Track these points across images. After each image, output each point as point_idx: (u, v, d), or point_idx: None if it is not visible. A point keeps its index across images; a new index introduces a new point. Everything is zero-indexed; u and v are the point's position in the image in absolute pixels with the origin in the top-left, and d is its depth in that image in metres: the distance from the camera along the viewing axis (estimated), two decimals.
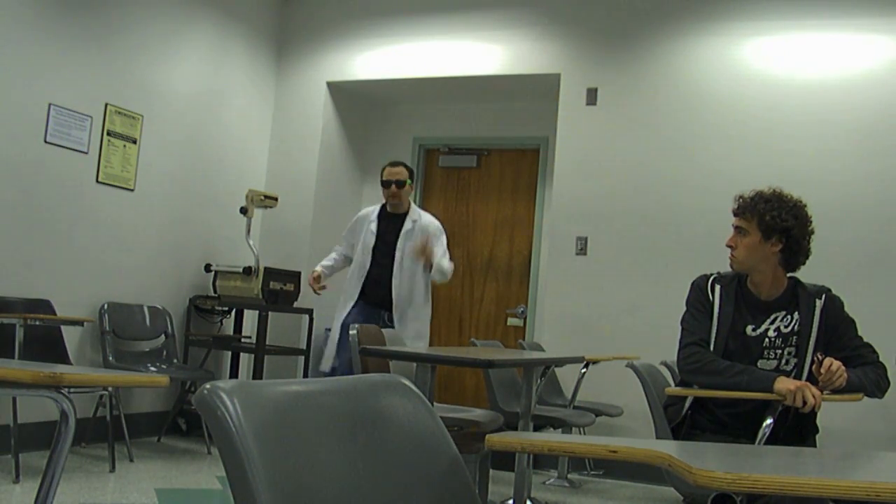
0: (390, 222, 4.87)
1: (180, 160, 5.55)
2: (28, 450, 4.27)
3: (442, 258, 4.75)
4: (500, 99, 6.22)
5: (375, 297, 4.78)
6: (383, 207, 4.93)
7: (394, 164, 4.92)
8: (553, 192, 5.52)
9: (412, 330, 4.72)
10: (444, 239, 4.89)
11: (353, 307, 4.77)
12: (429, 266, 4.70)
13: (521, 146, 6.25)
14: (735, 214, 2.83)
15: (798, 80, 4.96)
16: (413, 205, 4.99)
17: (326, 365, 4.83)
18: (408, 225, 4.83)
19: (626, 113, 5.34)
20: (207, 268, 5.69)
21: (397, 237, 4.80)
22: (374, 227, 4.86)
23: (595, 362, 4.58)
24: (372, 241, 4.83)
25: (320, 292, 4.95)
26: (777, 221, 2.72)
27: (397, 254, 4.77)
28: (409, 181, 4.87)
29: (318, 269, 4.95)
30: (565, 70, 5.52)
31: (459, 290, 6.30)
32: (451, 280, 4.96)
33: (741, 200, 2.82)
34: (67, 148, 4.76)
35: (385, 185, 4.85)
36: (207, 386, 1.05)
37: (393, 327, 4.54)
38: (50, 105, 4.64)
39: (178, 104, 5.50)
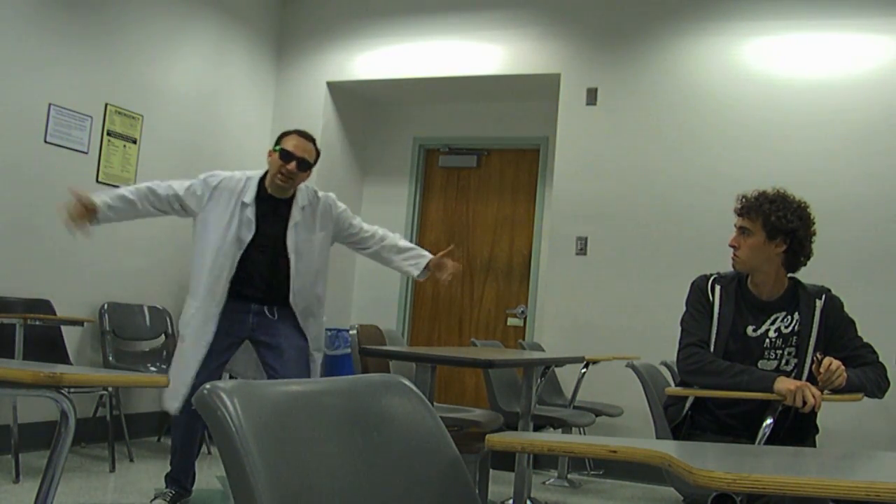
0: (272, 208, 3.57)
1: (180, 160, 5.54)
2: (28, 450, 4.27)
3: (410, 252, 3.77)
4: (500, 99, 6.23)
5: (244, 296, 3.54)
6: (261, 185, 3.59)
7: (304, 134, 3.65)
8: (553, 192, 5.52)
9: (314, 344, 3.66)
10: (343, 207, 3.78)
11: (219, 316, 3.50)
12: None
13: (521, 146, 6.25)
14: (739, 214, 2.81)
15: (798, 80, 4.96)
16: (302, 187, 3.66)
17: (175, 402, 3.45)
18: (296, 216, 3.57)
19: (626, 113, 5.34)
20: None
21: (285, 231, 3.55)
22: (250, 213, 3.52)
23: (595, 362, 4.58)
24: (250, 233, 3.51)
25: (80, 233, 3.51)
26: (782, 222, 2.71)
27: (292, 256, 3.55)
28: (313, 166, 3.66)
29: (98, 202, 3.45)
30: (565, 70, 5.52)
31: (459, 290, 6.30)
32: (450, 279, 4.00)
33: (745, 200, 2.80)
34: (67, 148, 4.76)
35: (284, 156, 3.51)
36: (207, 386, 1.05)
37: (271, 319, 3.56)
38: (50, 105, 4.64)
39: (178, 104, 5.50)
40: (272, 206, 3.58)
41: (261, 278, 3.55)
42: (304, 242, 3.58)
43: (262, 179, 3.61)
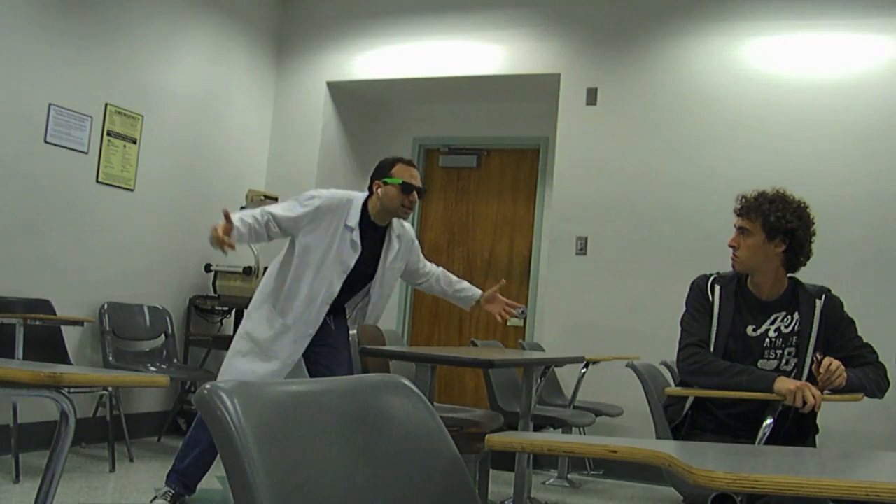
0: (372, 235, 3.53)
1: (180, 160, 5.55)
2: (28, 450, 4.27)
3: (465, 286, 3.89)
4: (500, 99, 6.22)
5: (308, 325, 3.46)
6: (365, 211, 3.51)
7: (412, 164, 3.61)
8: (553, 192, 5.52)
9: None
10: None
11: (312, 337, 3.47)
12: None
13: (521, 146, 6.25)
14: (738, 214, 2.81)
15: (798, 81, 4.96)
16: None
17: None
18: (394, 243, 3.58)
19: (626, 113, 5.34)
20: (207, 268, 5.69)
21: (378, 257, 3.55)
22: (356, 237, 3.44)
23: (595, 362, 4.58)
24: (353, 258, 3.45)
25: (228, 250, 3.31)
26: (782, 223, 2.71)
27: (376, 283, 3.56)
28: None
29: (237, 222, 3.33)
30: (565, 70, 5.52)
31: None
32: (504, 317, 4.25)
33: (744, 200, 2.80)
34: (67, 148, 4.76)
35: (404, 189, 3.46)
36: (207, 386, 1.05)
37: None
38: (50, 105, 4.64)
39: (178, 104, 5.51)
40: (371, 232, 3.52)
41: (339, 298, 3.53)
42: (389, 270, 3.58)
43: (364, 204, 3.53)
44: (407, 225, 3.72)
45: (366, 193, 3.60)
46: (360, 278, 3.53)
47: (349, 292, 3.55)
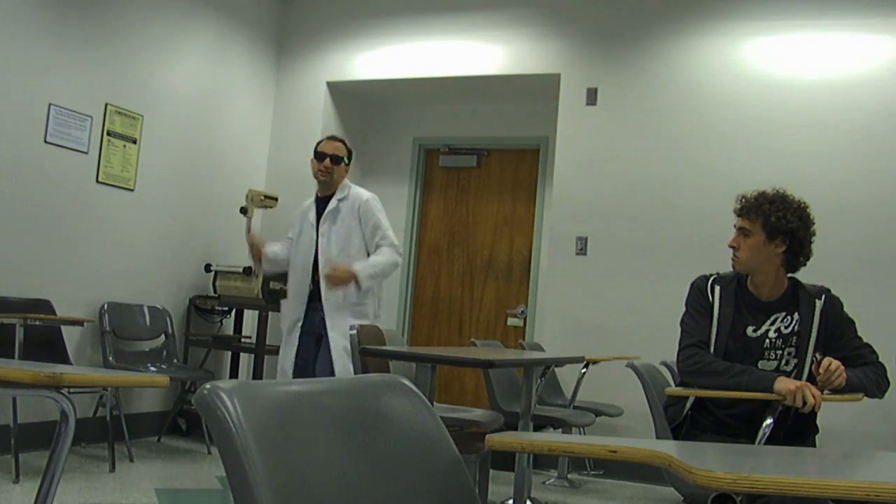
0: (322, 208, 4.25)
1: (180, 160, 5.55)
2: (28, 450, 4.27)
3: (374, 258, 4.09)
4: (500, 99, 6.22)
5: (302, 297, 4.20)
6: (316, 195, 4.32)
7: (332, 137, 4.36)
8: (553, 192, 5.52)
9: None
10: (376, 208, 4.18)
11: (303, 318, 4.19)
12: (351, 285, 4.02)
13: (521, 146, 6.25)
14: (738, 215, 2.80)
15: (798, 81, 4.96)
16: (345, 183, 4.28)
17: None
18: (330, 205, 4.19)
19: (626, 113, 5.34)
20: (207, 268, 5.69)
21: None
22: (312, 216, 4.23)
23: (595, 362, 4.58)
24: (313, 231, 4.20)
25: (257, 268, 4.45)
26: (782, 223, 2.71)
27: (321, 241, 4.15)
28: (346, 160, 4.25)
29: (265, 251, 4.36)
30: (565, 70, 5.52)
31: (459, 290, 6.30)
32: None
33: (745, 201, 2.80)
34: (67, 148, 4.76)
35: (318, 157, 4.22)
36: (207, 386, 1.05)
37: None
38: (50, 105, 4.64)
39: (178, 104, 5.50)
40: (321, 206, 4.25)
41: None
42: (333, 224, 4.20)
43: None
44: (357, 190, 4.27)
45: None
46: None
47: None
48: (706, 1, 5.23)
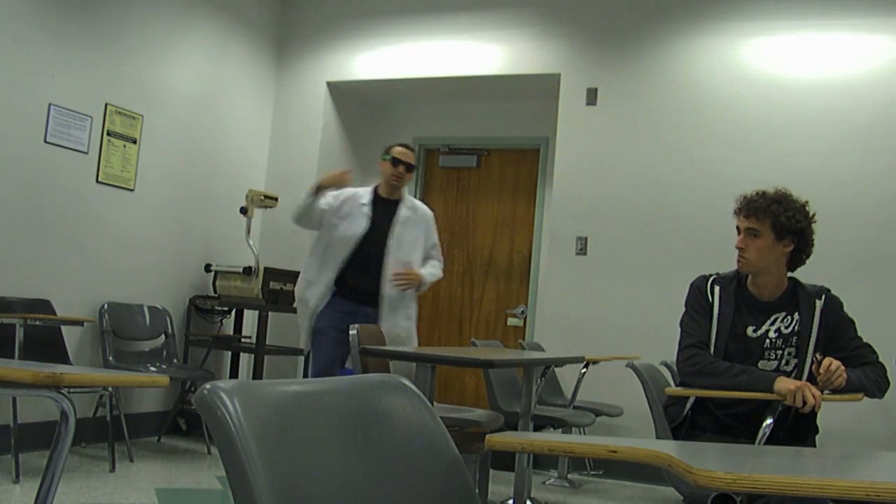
0: (384, 208, 4.35)
1: (180, 160, 5.55)
2: (28, 450, 4.27)
3: (430, 269, 4.41)
4: (500, 99, 6.22)
5: (356, 291, 4.26)
6: (376, 191, 4.41)
7: (406, 146, 4.45)
8: (553, 192, 5.52)
9: (403, 329, 4.28)
10: (435, 228, 4.56)
11: (328, 305, 4.26)
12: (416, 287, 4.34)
13: (521, 146, 6.25)
14: (745, 216, 2.76)
15: (798, 81, 4.96)
16: (406, 193, 4.54)
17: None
18: (403, 212, 4.35)
19: (626, 113, 5.34)
20: (207, 268, 5.69)
21: (390, 224, 4.31)
22: (367, 210, 4.31)
23: (595, 362, 4.58)
24: (364, 227, 4.26)
25: (313, 199, 4.29)
26: (792, 223, 2.70)
27: (391, 243, 4.27)
28: (414, 169, 4.50)
29: (322, 202, 4.33)
30: (565, 70, 5.52)
31: (459, 290, 6.30)
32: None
33: (749, 201, 2.76)
34: (67, 148, 4.76)
35: (394, 163, 4.33)
36: (207, 386, 1.05)
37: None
38: (50, 105, 4.64)
39: (178, 104, 5.51)
40: (381, 205, 4.37)
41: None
42: (403, 228, 4.36)
43: (375, 188, 4.45)
44: (423, 205, 4.55)
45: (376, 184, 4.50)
46: (380, 251, 4.26)
47: (376, 264, 4.24)
48: (706, 1, 5.23)
